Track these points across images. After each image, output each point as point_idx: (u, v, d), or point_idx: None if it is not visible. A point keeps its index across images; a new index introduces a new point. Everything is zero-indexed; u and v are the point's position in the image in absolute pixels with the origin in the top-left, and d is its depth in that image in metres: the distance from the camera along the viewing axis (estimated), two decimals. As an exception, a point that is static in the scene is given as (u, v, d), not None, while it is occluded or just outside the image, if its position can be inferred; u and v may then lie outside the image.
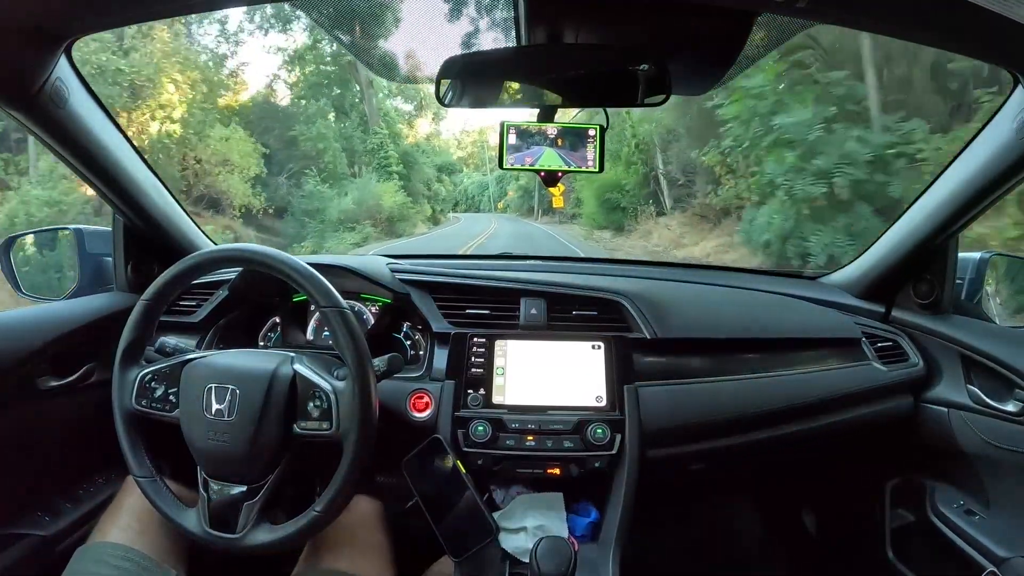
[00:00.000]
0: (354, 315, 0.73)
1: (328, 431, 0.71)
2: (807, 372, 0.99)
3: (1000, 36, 0.55)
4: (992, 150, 0.81)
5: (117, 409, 0.76)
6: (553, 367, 0.93)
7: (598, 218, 13.72)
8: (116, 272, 1.09)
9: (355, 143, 16.89)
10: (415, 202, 18.15)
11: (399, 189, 16.57)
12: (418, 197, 18.95)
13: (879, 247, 1.08)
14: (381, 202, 15.05)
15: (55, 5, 0.61)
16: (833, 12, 0.59)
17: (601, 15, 0.75)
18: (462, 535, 0.78)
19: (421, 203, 19.28)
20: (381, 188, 15.54)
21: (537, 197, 25.49)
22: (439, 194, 24.21)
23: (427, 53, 1.01)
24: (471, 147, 47.18)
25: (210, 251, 0.77)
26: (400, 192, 16.57)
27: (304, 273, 0.73)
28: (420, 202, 19.14)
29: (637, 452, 0.87)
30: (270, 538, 0.70)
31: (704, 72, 0.87)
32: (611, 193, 12.66)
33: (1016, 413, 0.88)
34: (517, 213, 30.30)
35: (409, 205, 17.07)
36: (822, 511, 1.33)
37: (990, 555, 0.88)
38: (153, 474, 0.74)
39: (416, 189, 18.87)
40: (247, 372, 0.72)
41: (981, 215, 0.89)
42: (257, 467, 0.71)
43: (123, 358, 0.76)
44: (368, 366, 0.71)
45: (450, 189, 28.54)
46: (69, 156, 0.86)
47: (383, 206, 15.05)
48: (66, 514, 0.96)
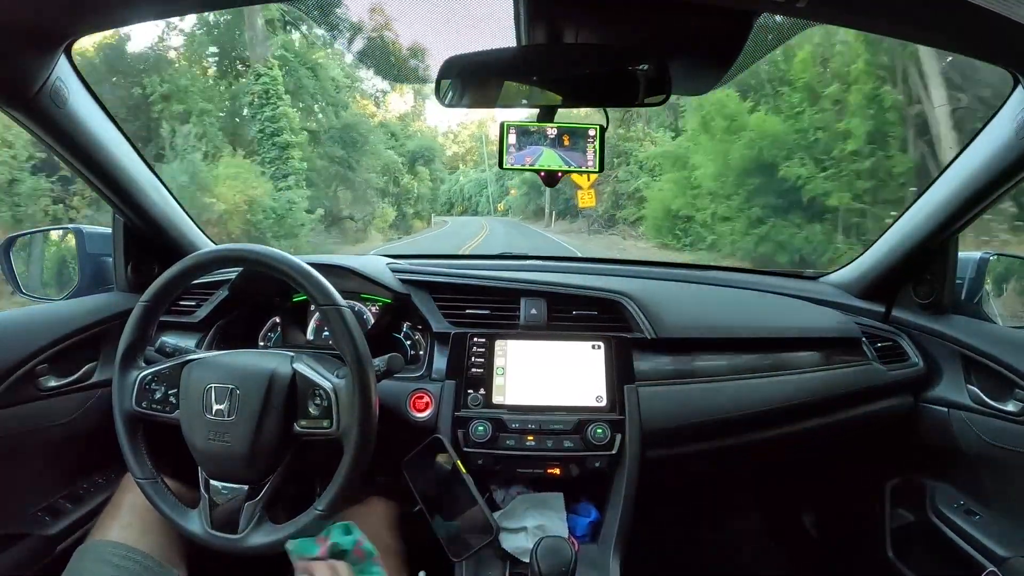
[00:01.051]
0: (354, 315, 0.73)
1: (328, 429, 0.71)
2: (807, 372, 0.99)
3: (1000, 36, 0.55)
4: (992, 150, 0.81)
5: (117, 411, 0.76)
6: (553, 367, 0.93)
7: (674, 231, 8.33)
8: (116, 272, 1.09)
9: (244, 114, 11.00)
10: (359, 201, 13.11)
11: (283, 179, 10.24)
12: (364, 193, 13.37)
13: (879, 247, 1.08)
14: (244, 197, 9.00)
15: (55, 5, 0.61)
16: (833, 12, 0.59)
17: (601, 15, 0.75)
18: (462, 535, 0.78)
19: (375, 203, 14.17)
20: (228, 171, 9.15)
21: (548, 195, 19.22)
22: (411, 191, 18.26)
23: (427, 53, 1.01)
24: (469, 141, 43.31)
25: (208, 251, 0.77)
26: (297, 185, 10.41)
27: (302, 272, 0.73)
28: (372, 202, 13.97)
29: (637, 452, 0.87)
30: (272, 538, 0.70)
31: (704, 72, 0.87)
32: (756, 178, 6.88)
33: (1016, 413, 0.88)
34: (521, 216, 26.31)
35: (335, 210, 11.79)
36: (822, 511, 1.33)
37: (990, 555, 0.88)
38: (154, 476, 0.74)
39: (361, 182, 13.13)
40: (247, 371, 0.72)
41: (981, 215, 0.89)
42: (258, 467, 0.71)
43: (123, 360, 0.76)
44: (368, 364, 0.71)
45: (430, 185, 21.73)
46: (69, 156, 0.86)
47: (251, 205, 9.11)
48: (66, 514, 0.96)
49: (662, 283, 1.13)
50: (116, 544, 0.77)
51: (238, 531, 0.71)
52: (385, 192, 15.28)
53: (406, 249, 9.35)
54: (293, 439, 0.72)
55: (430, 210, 22.70)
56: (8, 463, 0.91)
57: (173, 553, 0.81)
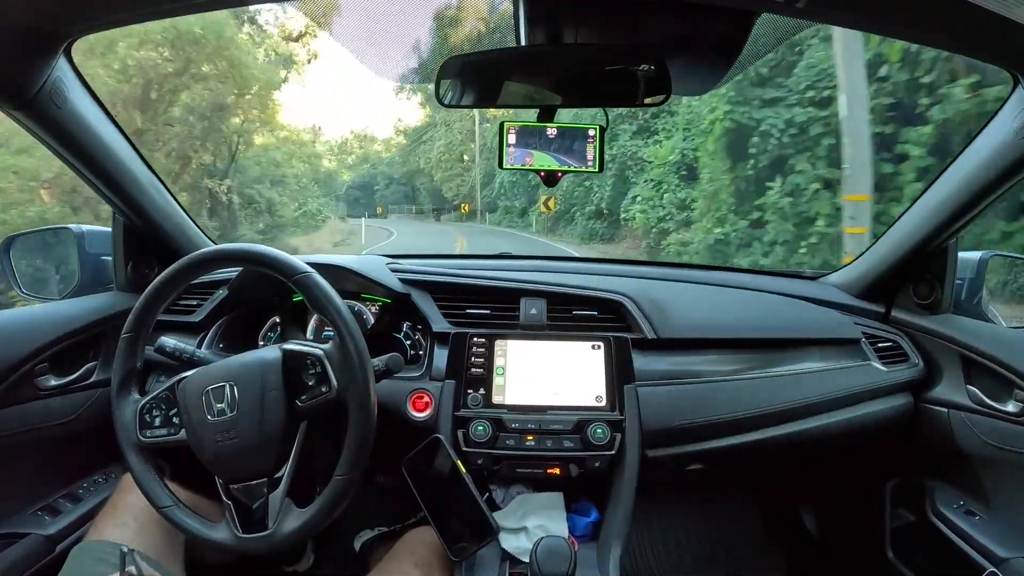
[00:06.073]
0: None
1: (329, 393, 0.71)
2: (807, 372, 0.99)
3: (1000, 36, 0.55)
4: (992, 150, 0.81)
5: (124, 445, 0.75)
6: (553, 367, 0.93)
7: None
8: (116, 272, 1.09)
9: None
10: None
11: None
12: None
13: (879, 247, 1.08)
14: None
15: (55, 5, 0.61)
16: (833, 12, 0.59)
17: (601, 15, 0.75)
18: (462, 535, 0.78)
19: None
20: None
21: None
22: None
23: (427, 52, 1.01)
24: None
25: (170, 269, 0.76)
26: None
27: (260, 252, 0.74)
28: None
29: (637, 452, 0.87)
30: (302, 520, 0.70)
31: (704, 72, 0.87)
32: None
33: (1016, 413, 0.88)
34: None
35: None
36: (822, 511, 1.33)
37: (990, 555, 0.88)
38: (174, 502, 0.74)
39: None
40: (239, 366, 0.73)
41: (981, 215, 0.89)
42: (271, 454, 0.71)
43: (118, 393, 0.76)
44: (351, 318, 0.72)
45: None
46: (69, 156, 0.86)
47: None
48: (66, 513, 0.96)
49: (662, 283, 1.13)
50: (113, 544, 0.77)
51: (269, 526, 0.70)
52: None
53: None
54: (298, 418, 0.73)
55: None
56: (8, 463, 0.91)
57: (170, 553, 0.81)
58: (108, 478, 1.05)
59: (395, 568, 0.81)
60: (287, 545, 0.70)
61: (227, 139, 10.64)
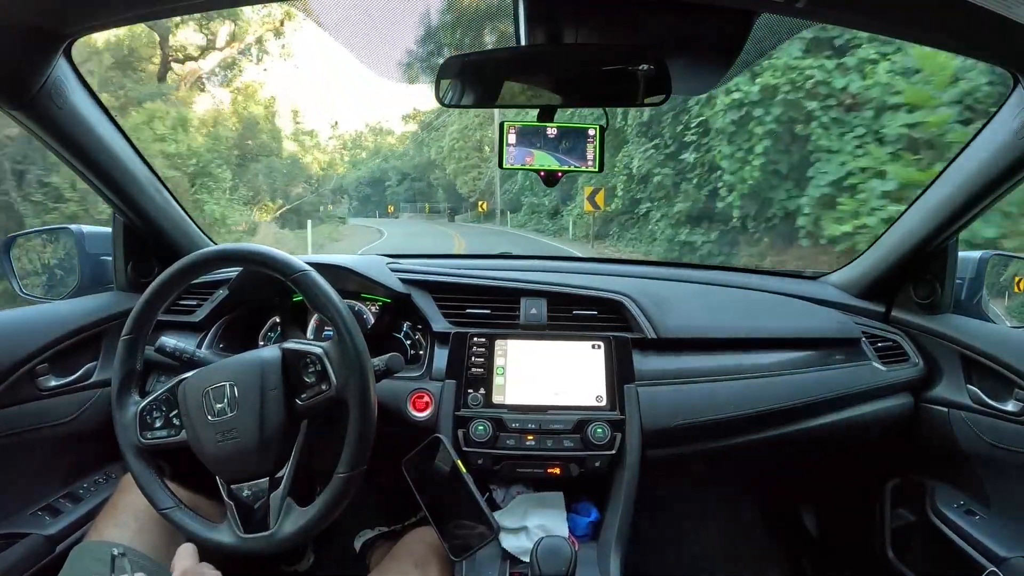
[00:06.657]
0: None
1: (329, 390, 0.71)
2: (807, 372, 0.99)
3: (1000, 36, 0.55)
4: (992, 150, 0.81)
5: (125, 448, 0.75)
6: (553, 367, 0.93)
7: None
8: (116, 272, 1.09)
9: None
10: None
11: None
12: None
13: (879, 247, 1.08)
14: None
15: (55, 5, 0.61)
16: (833, 12, 0.59)
17: (601, 15, 0.75)
18: (462, 535, 0.78)
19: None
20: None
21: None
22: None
23: (427, 52, 1.01)
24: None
25: (168, 272, 0.76)
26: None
27: (257, 252, 0.74)
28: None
29: (637, 452, 0.87)
30: (304, 520, 0.70)
31: (704, 72, 0.87)
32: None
33: (1016, 413, 0.88)
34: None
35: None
36: (822, 511, 1.33)
37: (990, 555, 0.88)
38: (175, 503, 0.74)
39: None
40: (239, 365, 0.73)
41: (981, 215, 0.89)
42: (272, 454, 0.71)
43: (118, 397, 0.76)
44: (349, 315, 0.72)
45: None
46: (69, 156, 0.86)
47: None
48: (66, 514, 0.96)
49: (662, 283, 1.13)
50: (113, 544, 0.77)
51: (271, 526, 0.70)
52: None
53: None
54: (299, 417, 0.73)
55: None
56: (8, 463, 0.91)
57: (171, 553, 0.81)
58: (108, 478, 1.05)
59: (395, 568, 0.81)
60: (289, 545, 0.70)
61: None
